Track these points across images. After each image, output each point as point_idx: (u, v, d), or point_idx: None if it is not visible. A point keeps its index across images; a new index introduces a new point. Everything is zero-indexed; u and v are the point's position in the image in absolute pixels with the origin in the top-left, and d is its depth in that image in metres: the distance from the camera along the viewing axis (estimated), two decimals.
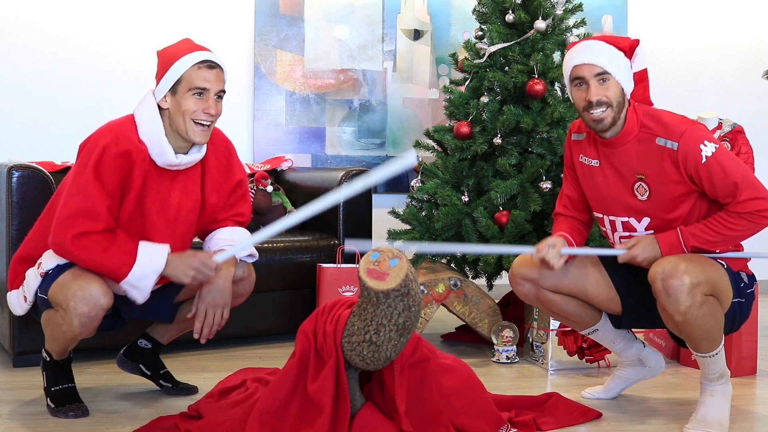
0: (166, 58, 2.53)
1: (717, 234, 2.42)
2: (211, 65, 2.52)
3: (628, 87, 2.51)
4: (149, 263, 2.46)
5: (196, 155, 2.60)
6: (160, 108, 2.55)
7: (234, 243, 2.66)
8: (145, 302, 2.64)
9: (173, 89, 2.51)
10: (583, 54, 2.51)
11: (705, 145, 2.40)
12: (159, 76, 2.54)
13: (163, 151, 2.51)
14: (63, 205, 2.44)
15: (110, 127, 2.52)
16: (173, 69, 2.50)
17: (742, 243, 2.59)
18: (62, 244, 2.42)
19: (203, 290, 2.55)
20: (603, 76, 2.47)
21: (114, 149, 2.45)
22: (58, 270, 2.48)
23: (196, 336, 2.58)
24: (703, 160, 2.39)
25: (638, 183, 2.50)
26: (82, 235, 2.41)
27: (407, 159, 2.25)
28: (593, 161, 2.59)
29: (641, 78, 2.53)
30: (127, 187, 2.49)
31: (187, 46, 2.54)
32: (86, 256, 2.41)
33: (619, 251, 2.54)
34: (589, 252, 2.65)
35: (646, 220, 2.53)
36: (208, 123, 2.53)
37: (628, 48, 2.50)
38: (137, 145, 2.49)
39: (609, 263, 2.68)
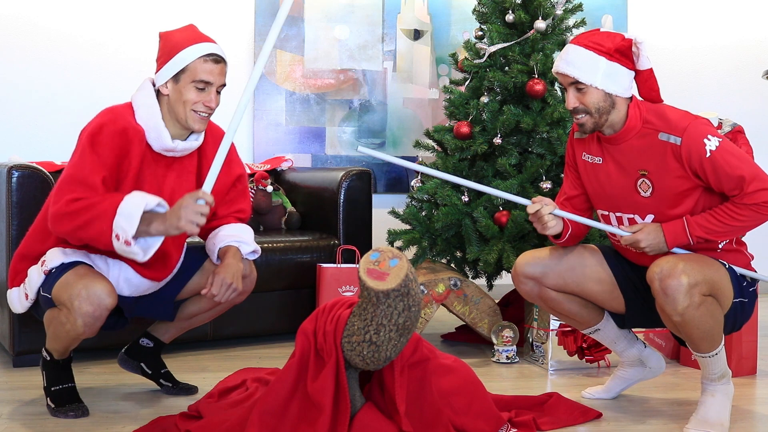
0: (171, 45, 2.53)
1: (723, 224, 2.42)
2: (217, 59, 2.53)
3: (618, 88, 2.47)
4: (141, 196, 2.39)
5: (193, 143, 2.60)
6: (159, 93, 2.55)
7: (240, 239, 2.66)
8: (147, 301, 2.65)
9: (176, 77, 2.51)
10: (559, 61, 2.52)
11: (709, 140, 2.40)
12: (161, 61, 2.54)
13: (159, 135, 2.52)
14: (60, 179, 2.45)
15: (108, 110, 2.54)
16: (178, 57, 2.50)
17: (752, 255, 2.59)
18: (57, 209, 2.40)
19: (219, 269, 2.57)
20: (578, 85, 2.48)
21: (111, 127, 2.46)
22: (63, 269, 2.48)
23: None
24: (708, 154, 2.39)
25: (641, 179, 2.50)
26: (77, 199, 2.39)
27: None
28: (596, 158, 2.59)
29: (648, 77, 2.51)
30: (125, 169, 2.49)
31: (193, 35, 2.54)
32: (81, 210, 2.37)
33: (623, 231, 2.53)
34: (586, 221, 2.61)
35: (650, 217, 2.52)
36: (207, 114, 2.55)
37: (614, 50, 2.46)
38: (134, 126, 2.50)
39: (613, 261, 2.67)
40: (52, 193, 2.47)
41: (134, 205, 2.36)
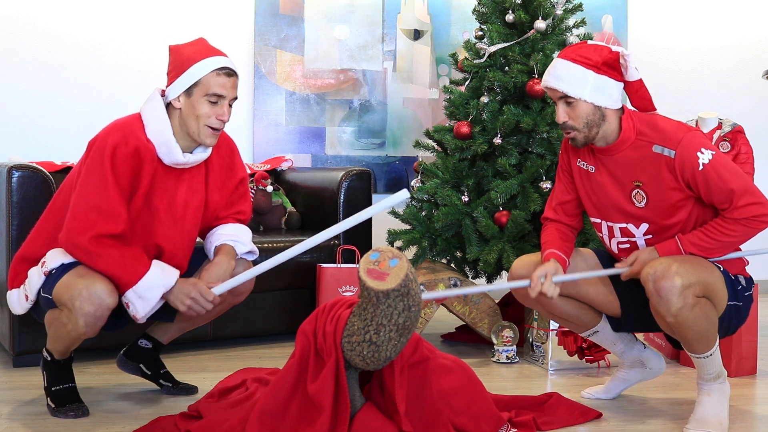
0: (183, 58, 2.53)
1: (715, 241, 2.43)
2: (229, 73, 2.54)
3: (607, 100, 2.47)
4: (160, 277, 2.48)
5: (201, 154, 2.61)
6: (169, 106, 2.56)
7: (236, 239, 2.67)
8: None
9: (188, 91, 2.52)
10: (548, 76, 2.52)
11: (702, 153, 2.40)
12: (173, 75, 2.55)
13: (171, 151, 2.52)
14: (79, 202, 2.44)
15: (118, 125, 2.52)
16: (191, 71, 2.51)
17: (747, 260, 2.59)
18: (78, 243, 2.42)
19: (203, 275, 2.58)
20: (566, 99, 2.48)
21: (124, 149, 2.46)
22: (63, 269, 2.48)
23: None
24: (700, 167, 2.39)
25: (636, 190, 2.50)
26: (101, 237, 2.42)
27: (400, 195, 2.23)
28: (590, 166, 2.59)
29: (638, 88, 2.51)
30: (135, 185, 2.50)
31: (205, 49, 2.55)
32: (102, 257, 2.42)
33: (620, 270, 2.54)
34: (585, 276, 2.62)
35: (644, 226, 2.53)
36: (220, 128, 2.55)
37: (602, 63, 2.46)
38: (145, 144, 2.50)
39: (608, 265, 2.67)
40: (70, 215, 2.45)
41: (153, 288, 2.46)
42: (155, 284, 2.46)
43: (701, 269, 2.40)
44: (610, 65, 2.47)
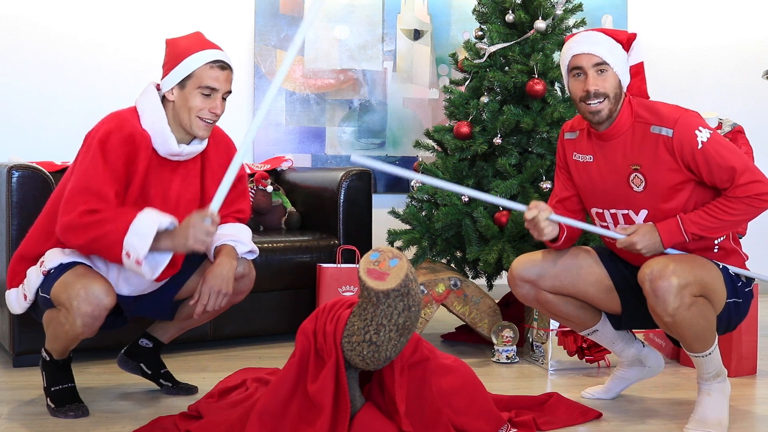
0: (177, 51, 2.54)
1: (716, 219, 2.41)
2: (223, 66, 2.54)
3: (625, 80, 2.52)
4: (153, 215, 2.40)
5: (197, 146, 2.62)
6: (164, 99, 2.57)
7: (236, 239, 2.67)
8: (146, 300, 2.64)
9: (182, 83, 2.53)
10: (582, 43, 2.50)
11: (700, 131, 2.40)
12: (168, 67, 2.56)
13: (165, 140, 2.53)
14: (71, 187, 2.44)
15: (113, 115, 2.54)
16: (184, 64, 2.51)
17: (747, 255, 2.58)
18: (69, 221, 2.39)
19: (207, 276, 2.57)
20: (601, 66, 2.47)
21: (118, 134, 2.46)
22: (61, 269, 2.48)
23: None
24: (699, 146, 2.39)
25: (634, 174, 2.49)
26: (91, 212, 2.39)
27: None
28: (587, 157, 2.59)
29: (637, 71, 2.55)
30: (132, 173, 2.50)
31: (199, 42, 2.56)
32: (93, 224, 2.37)
33: (617, 234, 2.53)
34: (581, 225, 2.60)
35: (643, 213, 2.52)
36: (212, 120, 2.55)
37: (626, 41, 2.51)
38: (141, 132, 2.51)
39: (609, 262, 2.67)
40: (63, 202, 2.45)
41: (147, 224, 2.38)
42: (149, 221, 2.37)
43: (698, 268, 2.40)
44: (630, 46, 2.52)
